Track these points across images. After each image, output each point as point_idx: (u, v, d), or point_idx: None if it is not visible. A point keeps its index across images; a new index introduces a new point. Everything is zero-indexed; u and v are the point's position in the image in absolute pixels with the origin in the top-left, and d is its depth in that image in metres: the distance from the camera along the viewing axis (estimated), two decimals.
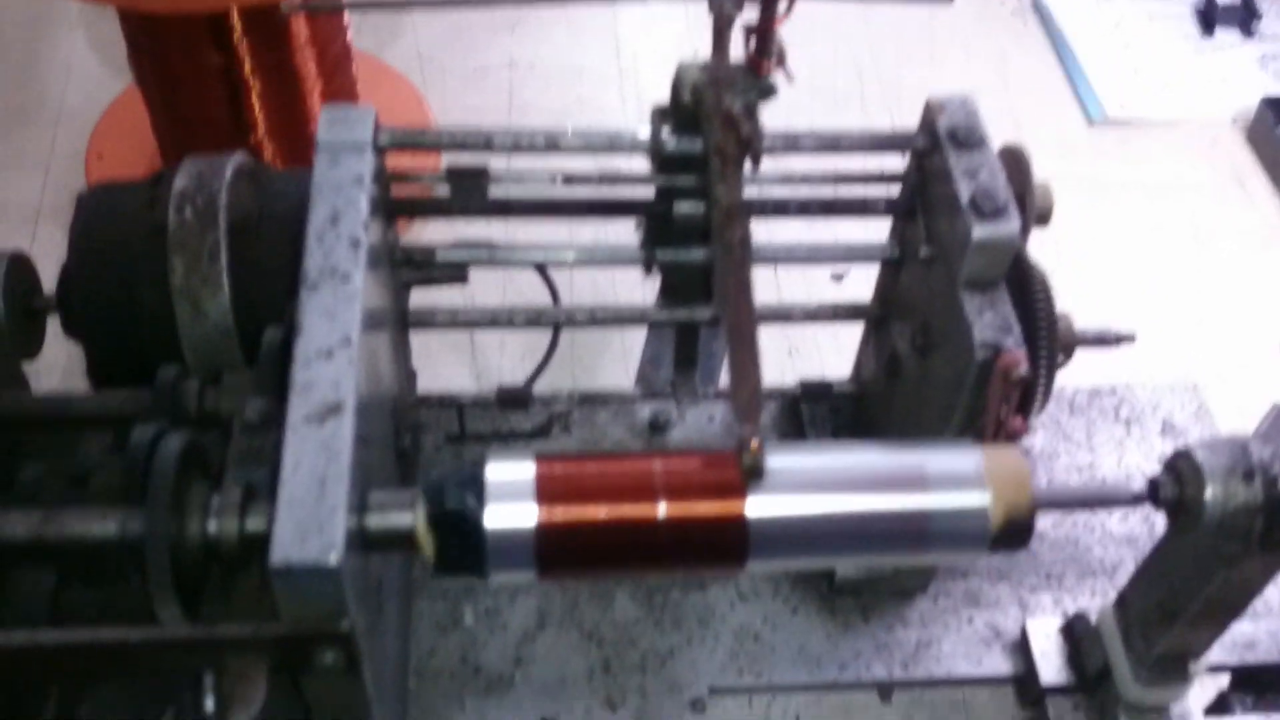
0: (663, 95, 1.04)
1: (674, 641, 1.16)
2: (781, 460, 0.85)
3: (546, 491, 0.86)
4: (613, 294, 1.66)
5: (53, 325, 1.16)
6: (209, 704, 0.78)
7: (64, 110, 2.04)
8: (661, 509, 0.86)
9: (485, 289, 1.61)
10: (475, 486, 0.84)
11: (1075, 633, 1.14)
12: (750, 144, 0.90)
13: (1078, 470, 1.31)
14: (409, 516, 0.84)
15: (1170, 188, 2.04)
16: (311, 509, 0.77)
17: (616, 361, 1.58)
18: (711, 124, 0.94)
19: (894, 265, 1.16)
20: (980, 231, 0.97)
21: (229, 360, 1.15)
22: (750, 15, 0.97)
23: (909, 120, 1.07)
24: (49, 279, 1.14)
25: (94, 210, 1.18)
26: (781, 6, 0.94)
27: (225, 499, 0.84)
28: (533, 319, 1.18)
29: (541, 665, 1.13)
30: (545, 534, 0.85)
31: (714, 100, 0.92)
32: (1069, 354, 1.07)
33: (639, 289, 1.66)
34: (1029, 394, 1.00)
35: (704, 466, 0.88)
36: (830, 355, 1.51)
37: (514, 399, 1.26)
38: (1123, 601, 1.08)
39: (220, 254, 1.11)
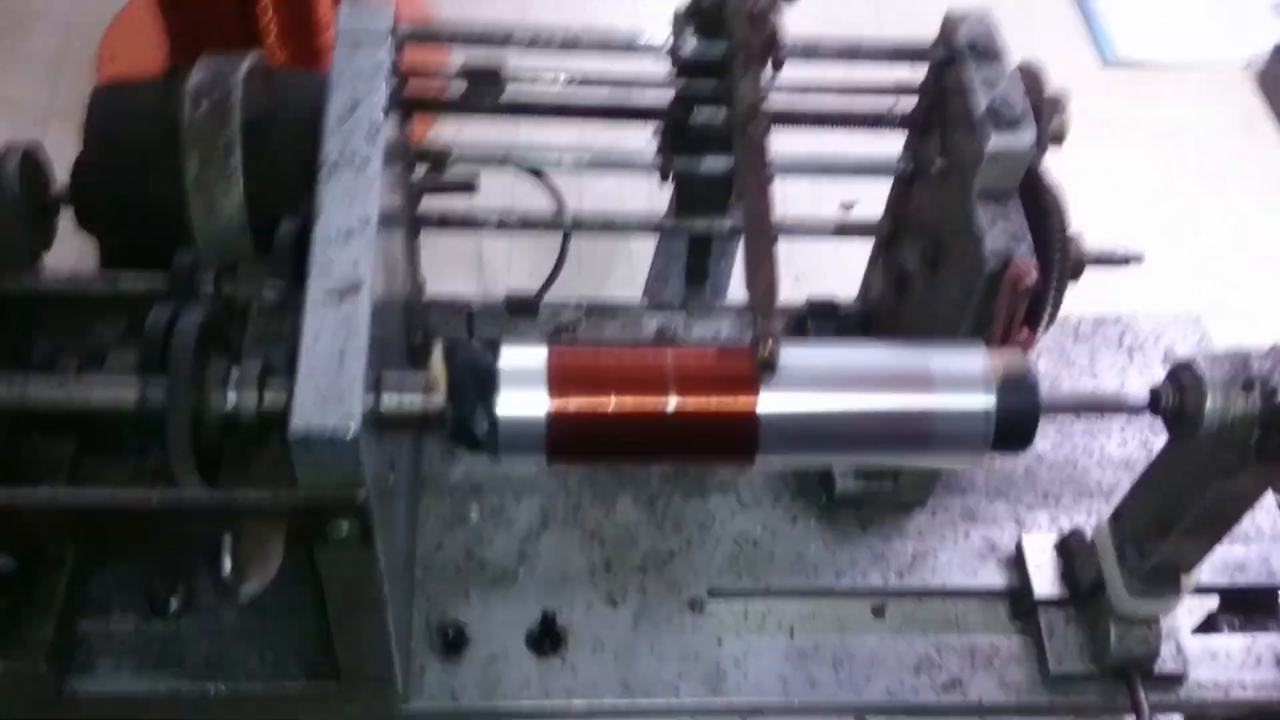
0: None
1: (674, 544, 1.18)
2: (792, 357, 0.86)
3: (559, 378, 0.87)
4: (620, 206, 1.66)
5: (64, 223, 1.16)
6: (226, 567, 0.80)
7: (75, 13, 2.03)
8: (672, 401, 0.87)
9: (493, 200, 1.61)
10: (492, 348, 0.86)
11: (1070, 548, 1.16)
12: (775, 42, 0.90)
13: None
14: (422, 398, 0.86)
15: (1180, 130, 2.05)
16: (331, 380, 0.78)
17: (623, 274, 1.59)
18: (735, 23, 0.94)
19: (906, 182, 1.16)
20: (996, 141, 0.97)
21: (242, 254, 1.16)
22: None
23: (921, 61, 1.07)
24: (60, 179, 1.15)
25: (108, 104, 1.18)
26: None
27: (245, 373, 0.85)
28: (545, 224, 1.18)
29: (545, 562, 1.15)
30: (556, 416, 0.86)
31: (739, 2, 0.92)
32: (1078, 273, 1.08)
33: (649, 201, 1.67)
34: (1038, 306, 1.01)
35: (717, 360, 0.89)
36: (836, 281, 1.51)
37: (522, 305, 1.27)
38: (1118, 516, 1.10)
39: (235, 150, 1.12)
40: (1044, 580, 1.16)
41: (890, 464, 1.14)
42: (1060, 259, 1.02)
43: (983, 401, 0.88)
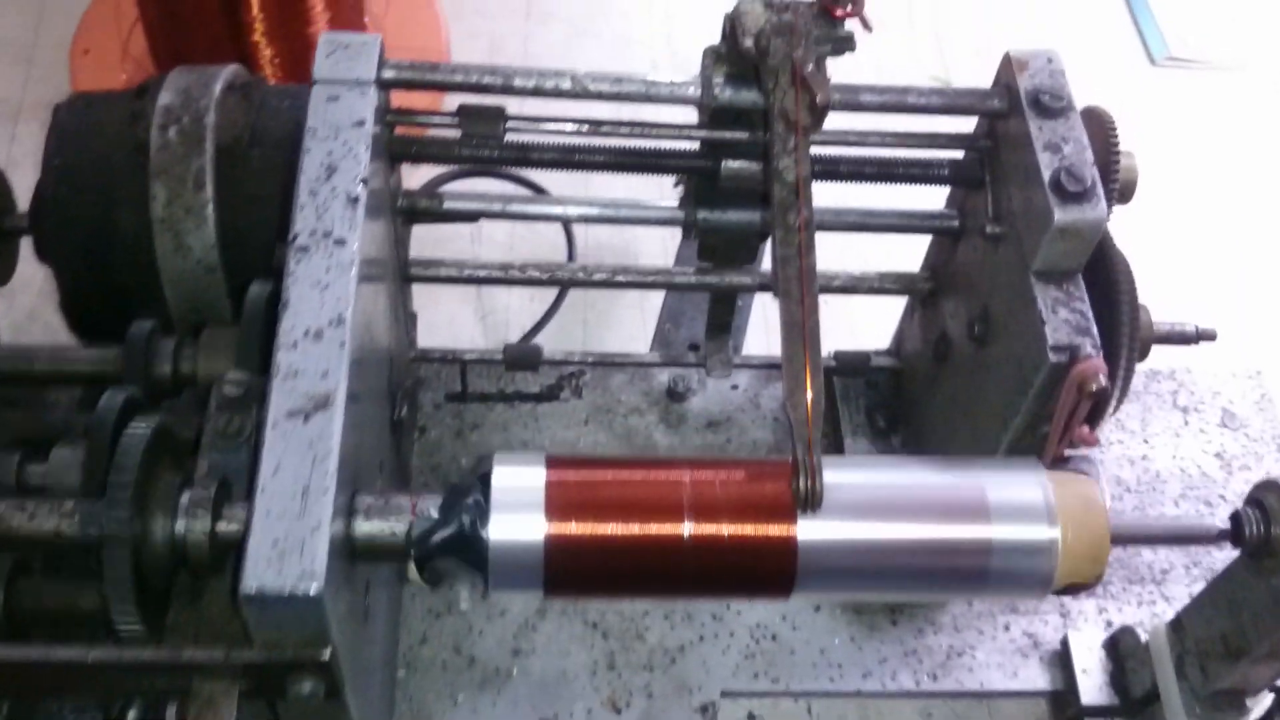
0: (693, 6, 0.91)
1: (685, 637, 1.07)
2: (834, 477, 0.74)
3: (557, 502, 0.76)
4: (629, 247, 1.52)
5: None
6: None
7: None
8: (689, 527, 0.76)
9: (493, 230, 1.49)
10: (479, 509, 0.74)
11: (1121, 649, 1.05)
12: (822, 113, 0.78)
13: (1130, 462, 1.21)
14: (402, 526, 0.75)
15: (1234, 133, 1.91)
16: (291, 525, 0.67)
17: (633, 317, 1.46)
18: (776, 80, 0.81)
19: (951, 238, 1.04)
20: (1063, 215, 0.85)
21: (213, 298, 1.04)
22: None
23: (956, 48, 0.94)
24: (28, 188, 1.03)
25: (71, 125, 1.06)
26: None
27: (196, 496, 0.74)
28: (547, 276, 1.06)
29: (541, 658, 1.05)
30: (554, 550, 0.75)
31: (783, 53, 0.79)
32: (1145, 353, 0.96)
33: (659, 243, 1.55)
34: (1102, 402, 0.89)
35: (746, 481, 0.77)
36: (863, 322, 1.38)
37: (522, 358, 1.15)
38: (1179, 625, 0.99)
39: (206, 181, 1.01)
40: (1092, 685, 1.05)
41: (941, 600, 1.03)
42: (1129, 349, 0.91)
43: (1045, 534, 0.77)
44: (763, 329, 1.37)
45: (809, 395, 0.72)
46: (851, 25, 0.85)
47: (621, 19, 1.96)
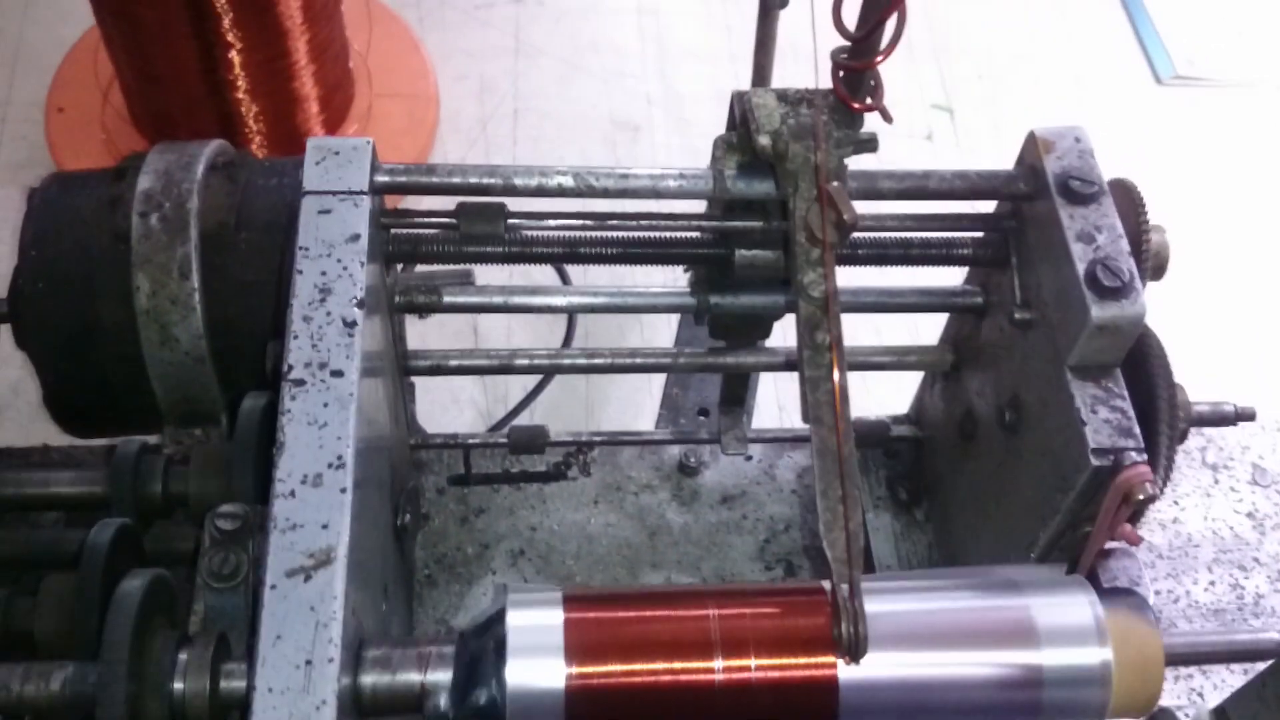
0: (687, 39, 0.87)
1: None
2: (871, 606, 0.70)
3: (577, 643, 0.71)
4: (635, 322, 1.47)
5: None
6: None
7: (22, 48, 1.83)
8: (719, 665, 0.71)
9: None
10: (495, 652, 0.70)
11: None
12: (852, 229, 0.73)
13: (1161, 526, 1.17)
14: (414, 679, 0.70)
15: (1243, 154, 1.86)
16: (295, 702, 0.62)
17: (637, 380, 1.41)
18: (796, 185, 0.76)
19: (974, 314, 1.00)
20: (1100, 312, 0.81)
21: (203, 389, 1.00)
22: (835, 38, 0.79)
23: (958, 75, 0.90)
24: (4, 259, 0.98)
25: (48, 212, 1.02)
26: (883, 34, 0.75)
27: (194, 656, 0.69)
28: (549, 364, 1.02)
29: None
30: (575, 700, 0.70)
31: (803, 157, 0.74)
32: (1184, 438, 0.92)
33: (666, 316, 1.49)
34: (1146, 502, 0.85)
35: (781, 616, 0.73)
36: (876, 384, 1.33)
37: (527, 441, 1.11)
38: (1222, 714, 0.95)
39: (192, 270, 0.97)
40: None
41: None
42: (1169, 434, 0.86)
43: (1098, 659, 0.72)
44: (773, 391, 1.33)
45: (848, 531, 0.67)
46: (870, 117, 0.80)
47: (613, 53, 1.91)
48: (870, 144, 0.78)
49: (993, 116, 1.81)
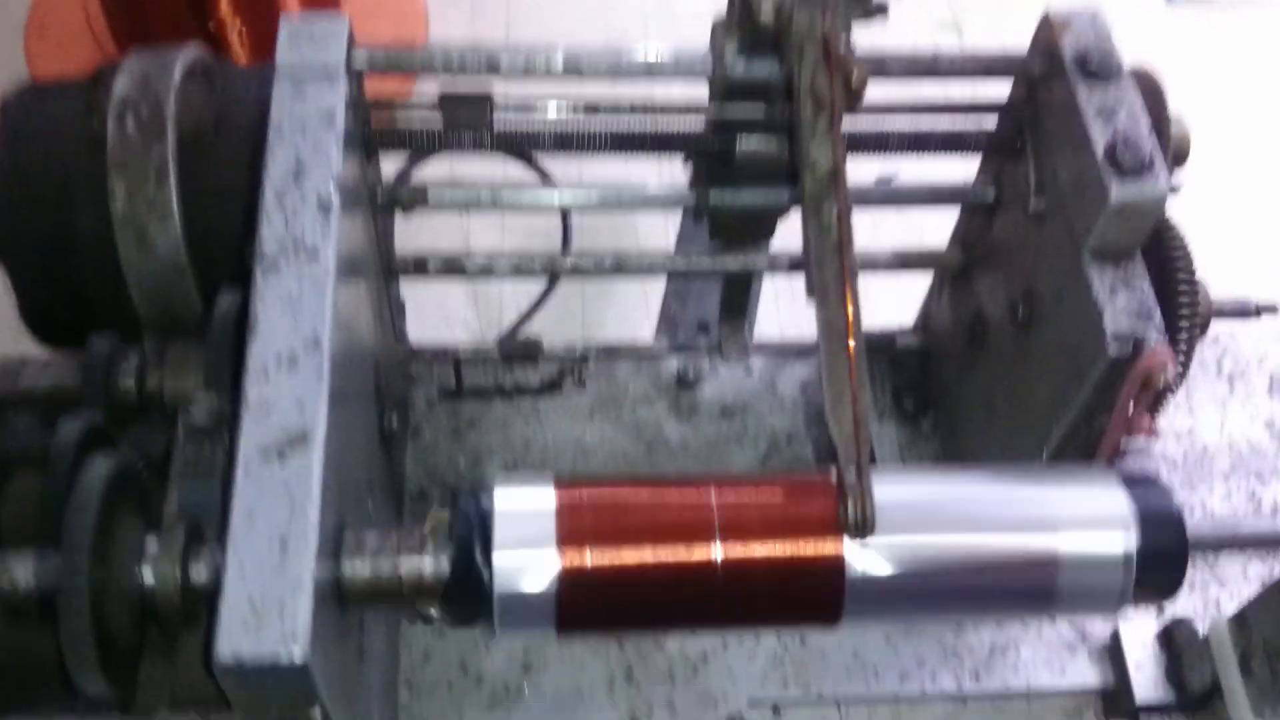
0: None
1: (707, 645, 1.00)
2: (884, 491, 0.66)
3: (570, 530, 0.68)
4: (629, 221, 1.43)
5: None
6: None
7: None
8: (719, 551, 0.68)
9: (483, 213, 1.40)
10: (482, 535, 0.66)
11: (1176, 641, 0.98)
12: (859, 93, 0.69)
13: (1175, 437, 1.13)
14: (398, 565, 0.67)
15: (1256, 75, 1.81)
16: (269, 582, 0.59)
17: (635, 292, 1.37)
18: (801, 53, 0.72)
19: (985, 211, 0.95)
20: (1121, 191, 0.76)
21: (183, 300, 0.97)
22: None
23: None
24: None
25: (22, 120, 0.99)
26: None
27: (164, 542, 0.66)
28: (543, 268, 0.98)
29: (554, 673, 0.97)
30: (568, 584, 0.67)
31: (808, 24, 0.70)
32: (1204, 330, 0.88)
33: (663, 214, 1.45)
34: (1166, 391, 0.81)
35: (783, 496, 0.69)
36: (882, 294, 1.28)
37: (519, 351, 1.07)
38: (1243, 621, 0.92)
39: (169, 174, 0.93)
40: (1146, 680, 0.98)
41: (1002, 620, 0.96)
42: (1189, 330, 0.83)
43: (1119, 545, 0.69)
44: (773, 300, 1.28)
45: (855, 409, 0.64)
46: None
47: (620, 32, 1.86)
48: (881, 9, 0.74)
49: (1000, 34, 1.75)
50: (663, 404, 1.13)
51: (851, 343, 0.64)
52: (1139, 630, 1.00)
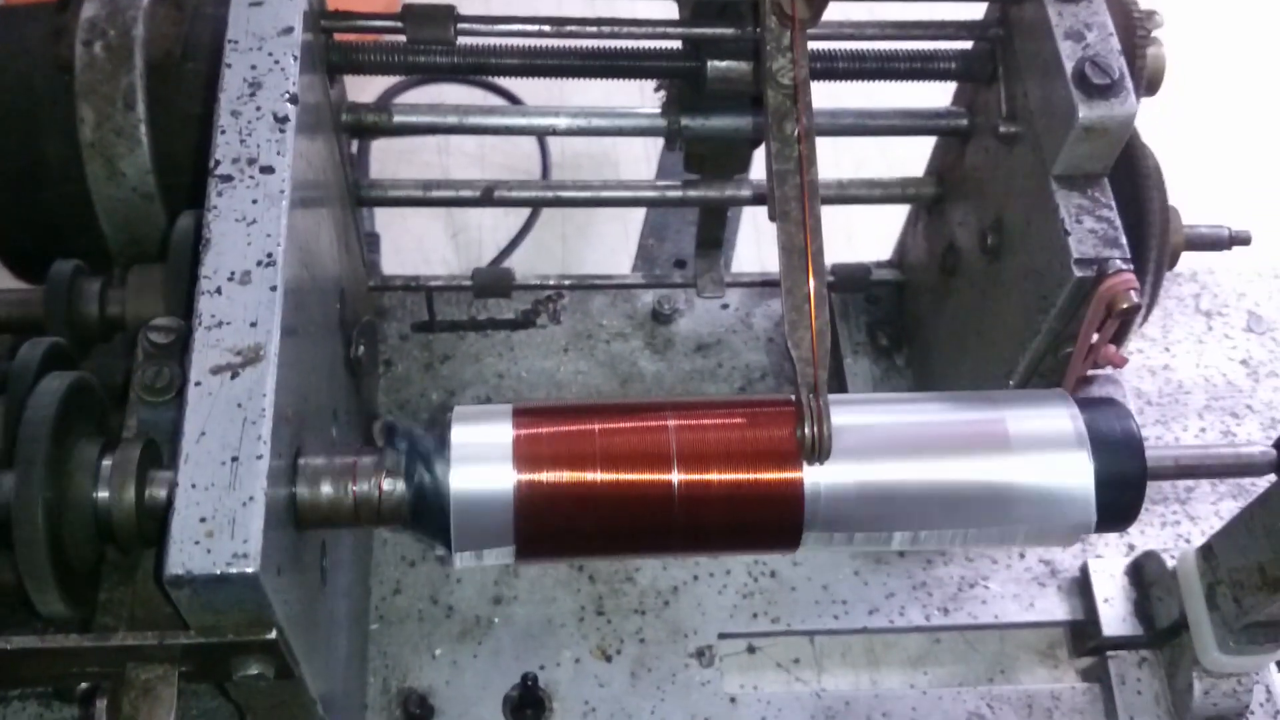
0: None
1: (678, 578, 1.00)
2: (842, 418, 0.66)
3: (528, 453, 0.67)
4: (609, 154, 1.41)
5: None
6: None
7: None
8: (677, 477, 0.68)
9: (462, 139, 1.38)
10: (439, 456, 0.66)
11: (1144, 575, 0.98)
12: (824, 3, 0.68)
13: (1151, 373, 1.13)
14: (354, 486, 0.66)
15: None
16: (221, 498, 0.59)
17: (614, 230, 1.36)
18: None
19: (959, 139, 0.94)
20: (1088, 112, 0.75)
21: (152, 228, 0.97)
22: None
23: None
24: None
25: None
26: None
27: (119, 460, 0.66)
28: (519, 197, 0.97)
29: (525, 605, 0.97)
30: (526, 501, 0.67)
31: None
32: (1175, 260, 0.87)
33: (642, 147, 1.43)
34: (1131, 319, 0.80)
35: (741, 423, 0.69)
36: (861, 230, 1.28)
37: (493, 284, 1.06)
38: (1209, 553, 0.92)
39: (137, 100, 0.94)
40: (1114, 615, 0.98)
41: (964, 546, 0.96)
42: (1160, 252, 0.82)
43: (1074, 466, 0.69)
44: (753, 240, 1.28)
45: (814, 330, 0.63)
46: None
47: None
48: None
49: None
50: (638, 339, 1.13)
51: (810, 261, 0.63)
52: (1108, 565, 1.01)
